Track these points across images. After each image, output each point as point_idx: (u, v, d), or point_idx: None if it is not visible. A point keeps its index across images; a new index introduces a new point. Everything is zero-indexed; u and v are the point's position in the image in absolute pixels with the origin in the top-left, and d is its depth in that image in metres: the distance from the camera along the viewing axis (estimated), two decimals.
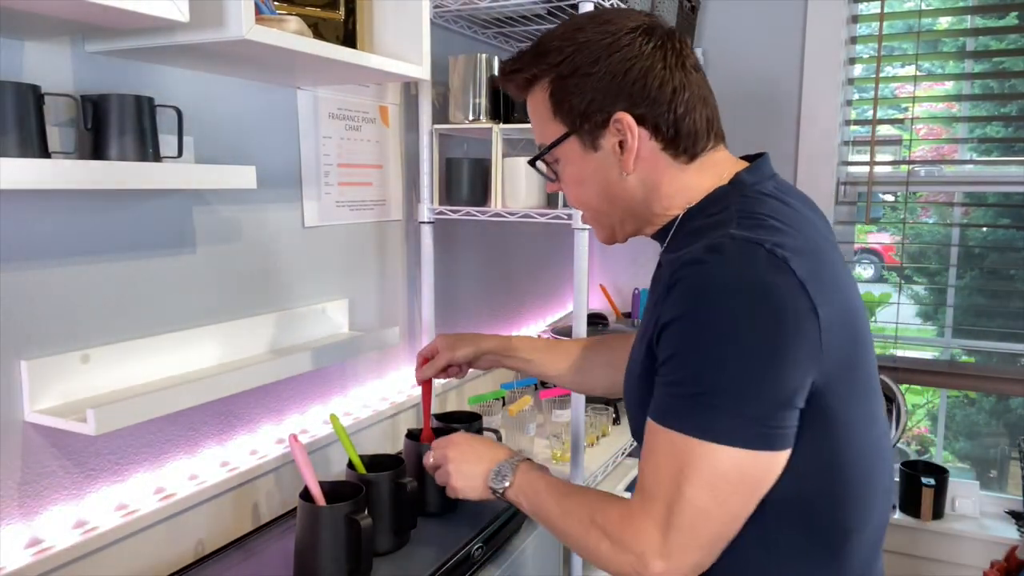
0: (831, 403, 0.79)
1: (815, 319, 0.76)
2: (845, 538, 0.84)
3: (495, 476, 1.01)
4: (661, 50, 0.87)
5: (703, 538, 0.79)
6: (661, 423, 0.80)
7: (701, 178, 0.90)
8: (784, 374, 0.75)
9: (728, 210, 0.84)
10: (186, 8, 0.86)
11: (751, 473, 0.77)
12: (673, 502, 0.78)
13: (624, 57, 0.86)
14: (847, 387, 0.81)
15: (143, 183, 0.95)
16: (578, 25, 0.90)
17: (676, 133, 0.88)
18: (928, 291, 3.01)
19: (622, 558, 0.83)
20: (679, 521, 0.78)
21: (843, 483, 0.82)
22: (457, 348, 1.27)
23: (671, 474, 0.79)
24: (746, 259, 0.77)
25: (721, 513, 0.78)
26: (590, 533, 0.86)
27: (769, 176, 0.91)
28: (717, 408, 0.76)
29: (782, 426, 0.77)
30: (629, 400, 0.94)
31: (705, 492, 0.77)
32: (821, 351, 0.76)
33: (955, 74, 2.37)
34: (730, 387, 0.75)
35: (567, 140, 0.92)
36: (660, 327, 0.80)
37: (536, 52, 0.91)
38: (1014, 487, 2.43)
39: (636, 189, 0.91)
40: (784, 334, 0.75)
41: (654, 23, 0.90)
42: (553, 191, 1.02)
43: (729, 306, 0.76)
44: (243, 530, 1.29)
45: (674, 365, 0.79)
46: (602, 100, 0.87)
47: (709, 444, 0.76)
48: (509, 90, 0.98)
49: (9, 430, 0.99)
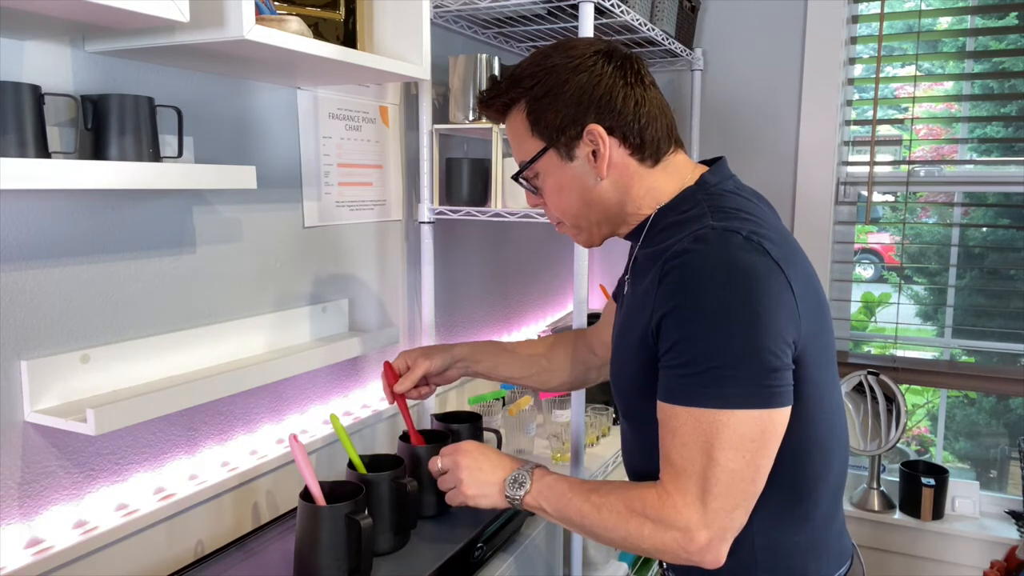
0: (807, 366, 0.90)
1: (791, 291, 0.88)
2: (811, 485, 0.96)
3: (512, 484, 1.04)
4: (621, 70, 0.98)
5: (738, 498, 0.88)
6: (679, 403, 0.88)
7: (666, 179, 1.01)
8: (774, 339, 0.86)
9: (699, 206, 0.95)
10: (186, 8, 0.86)
11: (769, 429, 0.87)
12: (707, 471, 0.86)
13: (590, 76, 0.97)
14: (816, 352, 0.92)
15: (143, 183, 0.95)
16: (546, 54, 1.01)
17: (641, 141, 0.99)
18: (928, 291, 3.01)
19: (667, 536, 0.89)
20: (716, 488, 0.86)
21: (812, 436, 0.94)
22: (432, 356, 1.31)
23: (700, 446, 0.86)
24: (727, 245, 0.88)
25: (751, 471, 0.87)
26: (630, 521, 0.92)
27: (728, 176, 1.03)
28: (728, 378, 0.85)
29: (783, 384, 0.87)
30: (621, 386, 1.03)
31: (734, 455, 0.86)
32: (799, 318, 0.88)
33: (955, 74, 2.37)
34: (735, 357, 0.85)
35: (545, 154, 1.02)
36: (659, 317, 0.89)
37: (511, 80, 1.02)
38: (1014, 487, 2.43)
39: (610, 192, 1.01)
40: (769, 304, 0.86)
41: (612, 48, 1.01)
42: (534, 205, 1.12)
43: (719, 286, 0.86)
44: (243, 530, 1.29)
45: (680, 349, 0.87)
46: (574, 115, 0.98)
47: (730, 411, 0.85)
48: (489, 116, 1.08)
49: (9, 430, 0.99)
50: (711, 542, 0.87)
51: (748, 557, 0.96)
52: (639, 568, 1.95)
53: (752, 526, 0.94)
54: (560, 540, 1.57)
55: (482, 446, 1.12)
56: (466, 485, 1.07)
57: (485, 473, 1.06)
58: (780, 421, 0.88)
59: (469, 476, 1.07)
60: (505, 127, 1.06)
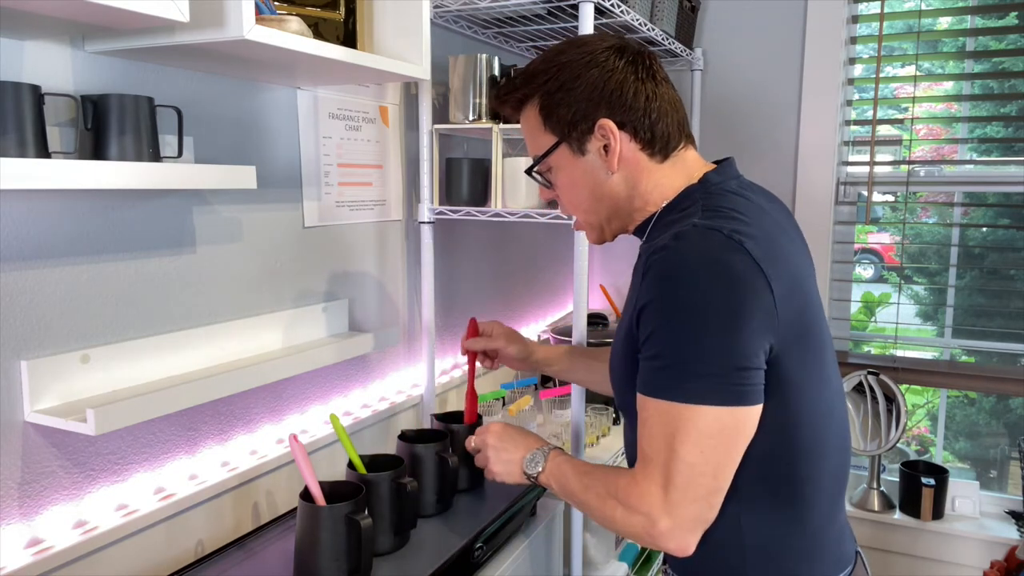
0: (786, 367, 0.90)
1: (770, 292, 0.88)
2: (800, 487, 0.96)
3: (529, 462, 1.12)
4: (632, 65, 1.00)
5: (699, 491, 0.89)
6: (649, 394, 0.91)
7: (674, 175, 1.03)
8: (746, 338, 0.86)
9: (695, 204, 0.97)
10: (186, 8, 0.86)
11: (730, 426, 0.88)
12: (669, 462, 0.89)
13: (602, 71, 0.99)
14: (800, 353, 0.92)
15: (143, 183, 0.95)
16: (559, 50, 1.03)
17: (652, 135, 1.00)
18: (928, 291, 3.01)
19: (633, 520, 0.93)
20: (676, 479, 0.89)
21: (797, 439, 0.94)
22: (512, 343, 1.42)
23: (664, 438, 0.89)
24: (706, 243, 0.89)
25: (710, 467, 0.89)
26: (606, 503, 0.97)
27: (734, 176, 1.04)
28: (694, 374, 0.87)
29: (750, 383, 0.88)
30: (615, 378, 1.06)
31: (693, 449, 0.88)
32: (777, 319, 0.88)
33: (955, 74, 2.37)
34: (702, 354, 0.86)
35: (558, 148, 1.04)
36: (638, 310, 0.92)
37: (525, 76, 1.04)
38: (1014, 487, 2.43)
39: (620, 187, 1.03)
40: (743, 303, 0.86)
41: (625, 43, 1.03)
42: (548, 199, 1.15)
43: (694, 283, 0.87)
44: (243, 530, 1.29)
45: (653, 341, 0.90)
46: (586, 109, 0.99)
47: (692, 406, 0.87)
48: (504, 111, 1.10)
49: (9, 430, 0.99)
50: (673, 530, 0.90)
51: (738, 556, 0.97)
52: (639, 568, 1.95)
53: (742, 525, 0.95)
54: (560, 540, 1.57)
55: (509, 427, 1.19)
56: (492, 463, 1.16)
57: (508, 452, 1.15)
58: (745, 419, 0.89)
59: (495, 455, 1.16)
60: (520, 123, 1.09)
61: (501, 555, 1.33)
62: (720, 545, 0.96)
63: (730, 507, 0.94)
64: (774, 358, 0.89)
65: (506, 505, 1.35)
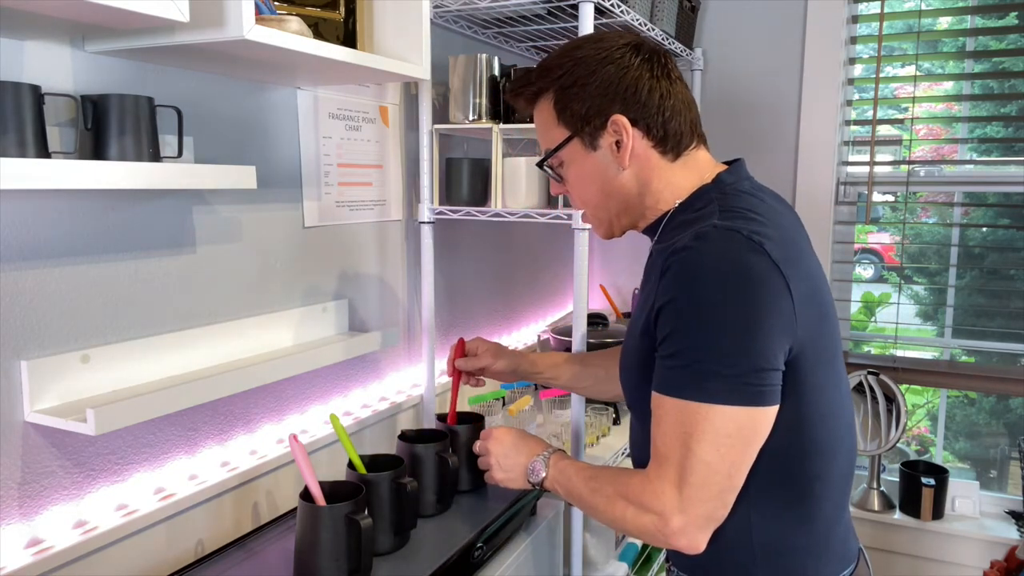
0: (803, 367, 0.91)
1: (788, 294, 0.88)
2: (811, 486, 0.96)
3: (531, 471, 1.14)
4: (648, 63, 1.00)
5: (713, 490, 0.90)
6: (666, 393, 0.91)
7: (685, 175, 1.03)
8: (766, 339, 0.87)
9: (711, 204, 0.97)
10: (186, 8, 0.86)
11: (747, 427, 0.89)
12: (684, 461, 0.89)
13: (617, 68, 0.99)
14: (815, 355, 0.93)
15: (143, 183, 0.95)
16: (575, 45, 1.04)
17: (664, 134, 1.01)
18: (928, 291, 3.01)
19: (645, 519, 0.93)
20: (691, 478, 0.89)
21: (810, 438, 0.95)
22: (499, 357, 1.41)
23: (680, 437, 0.89)
24: (727, 244, 0.89)
25: (725, 466, 0.89)
26: (616, 504, 0.98)
27: (745, 177, 1.06)
28: (711, 373, 0.87)
29: (768, 384, 0.88)
30: (626, 376, 1.06)
31: (710, 448, 0.88)
32: (796, 321, 0.89)
33: (955, 74, 2.37)
34: (720, 354, 0.87)
35: (571, 143, 1.04)
36: (657, 309, 0.92)
37: (540, 70, 1.05)
38: (1014, 487, 2.43)
39: (630, 183, 1.04)
40: (762, 305, 0.87)
41: (641, 41, 1.03)
42: (558, 193, 1.15)
43: (715, 284, 0.87)
44: (243, 530, 1.29)
45: (671, 341, 0.90)
46: (600, 105, 1.00)
47: (709, 405, 0.87)
48: (518, 104, 1.10)
49: (9, 430, 0.99)
50: (685, 527, 0.91)
51: (746, 554, 0.97)
52: (639, 568, 1.95)
53: (752, 523, 0.95)
54: (560, 540, 1.57)
55: (511, 432, 1.21)
56: (495, 469, 1.19)
57: (511, 459, 1.17)
58: (761, 420, 0.89)
59: (496, 462, 1.18)
60: (533, 116, 1.09)
61: (501, 555, 1.33)
62: (729, 543, 0.96)
63: (740, 505, 0.94)
64: (792, 359, 0.90)
65: (506, 505, 1.35)
